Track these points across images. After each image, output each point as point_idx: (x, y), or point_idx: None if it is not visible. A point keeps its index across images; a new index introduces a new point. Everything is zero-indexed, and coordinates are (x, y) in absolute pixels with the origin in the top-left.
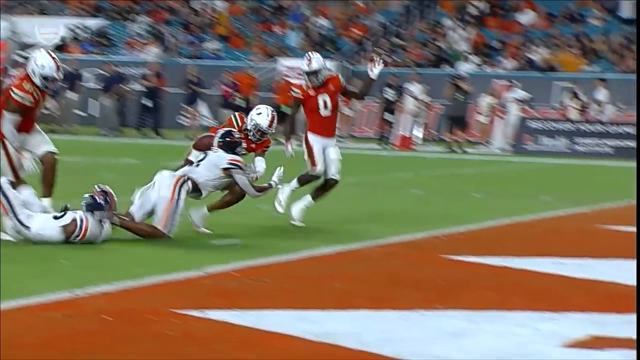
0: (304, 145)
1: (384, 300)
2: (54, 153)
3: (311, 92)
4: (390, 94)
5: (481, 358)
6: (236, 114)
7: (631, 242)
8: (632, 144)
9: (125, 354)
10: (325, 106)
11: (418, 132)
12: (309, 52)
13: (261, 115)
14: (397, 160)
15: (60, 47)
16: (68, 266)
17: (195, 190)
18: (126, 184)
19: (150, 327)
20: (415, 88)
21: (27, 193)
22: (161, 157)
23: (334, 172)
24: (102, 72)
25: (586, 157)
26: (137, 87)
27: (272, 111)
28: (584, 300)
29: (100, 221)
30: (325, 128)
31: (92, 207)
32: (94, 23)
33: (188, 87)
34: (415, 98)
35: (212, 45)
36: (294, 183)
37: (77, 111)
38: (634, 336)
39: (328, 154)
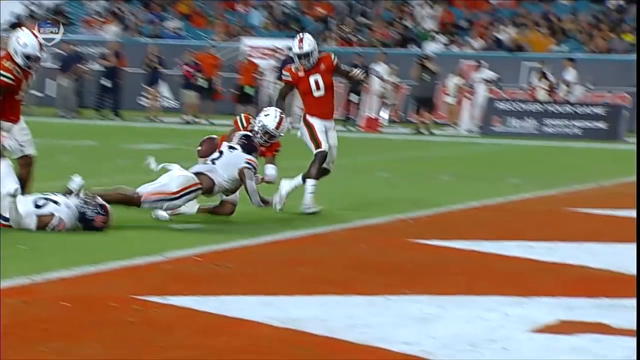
0: (304, 128)
1: (350, 285)
2: (33, 156)
3: (301, 74)
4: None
5: (449, 343)
6: (242, 114)
7: (600, 224)
8: (601, 125)
9: (84, 341)
10: (318, 87)
11: (384, 114)
12: (300, 33)
13: (268, 117)
14: (363, 142)
15: (16, 26)
16: (25, 251)
17: (205, 193)
18: (85, 167)
19: (110, 313)
20: (381, 68)
21: (4, 165)
22: (121, 140)
23: (327, 161)
24: (60, 51)
25: (554, 138)
26: (96, 67)
27: (281, 113)
28: (553, 284)
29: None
30: (322, 109)
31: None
32: (50, 2)
33: (148, 66)
34: (381, 78)
35: (173, 23)
36: (311, 183)
37: (33, 92)
38: (604, 320)
39: (328, 138)
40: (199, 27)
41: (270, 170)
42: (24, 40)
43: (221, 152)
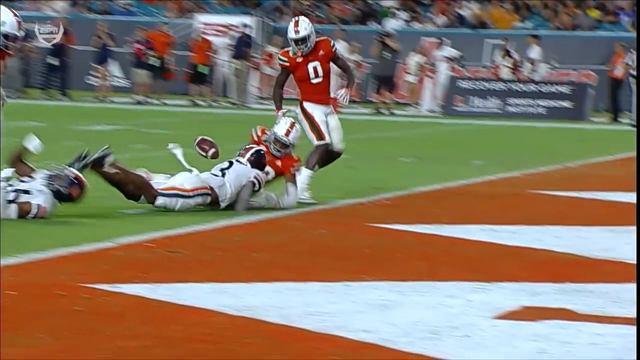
0: (303, 119)
1: (307, 271)
2: None
3: (299, 59)
4: None
5: (410, 331)
6: (257, 127)
7: (565, 207)
8: (566, 104)
9: (31, 331)
10: (316, 74)
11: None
12: (296, 17)
13: (279, 125)
14: None
15: None
16: None
17: (211, 204)
18: None
19: (58, 302)
20: (340, 46)
21: None
22: (69, 121)
23: (337, 143)
24: None
25: (518, 118)
26: (43, 44)
27: (292, 121)
28: (517, 269)
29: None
30: (319, 95)
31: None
32: None
33: (97, 44)
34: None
35: None
36: (306, 173)
37: None
38: (568, 306)
39: (328, 122)
40: (151, 3)
41: (291, 196)
42: (2, 19)
43: (231, 163)
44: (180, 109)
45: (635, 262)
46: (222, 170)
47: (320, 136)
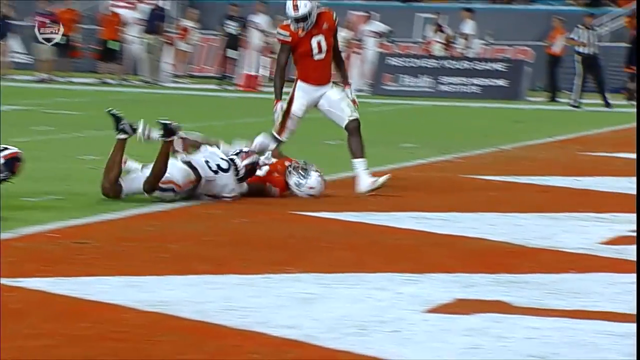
0: (286, 101)
1: (226, 263)
2: None
3: (301, 34)
4: (232, 27)
5: (336, 326)
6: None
7: (500, 193)
8: (501, 82)
9: None
10: (320, 49)
11: (265, 71)
12: None
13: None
14: (241, 102)
15: None
16: None
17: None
18: None
19: None
20: (261, 20)
21: None
22: None
23: (348, 113)
24: None
25: (451, 97)
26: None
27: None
28: (449, 259)
29: None
30: (320, 74)
31: None
32: None
33: None
34: (262, 31)
35: None
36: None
37: None
38: (504, 298)
39: (325, 101)
40: None
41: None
42: None
43: (229, 165)
44: (87, 87)
45: (572, 250)
46: (219, 167)
47: (279, 130)
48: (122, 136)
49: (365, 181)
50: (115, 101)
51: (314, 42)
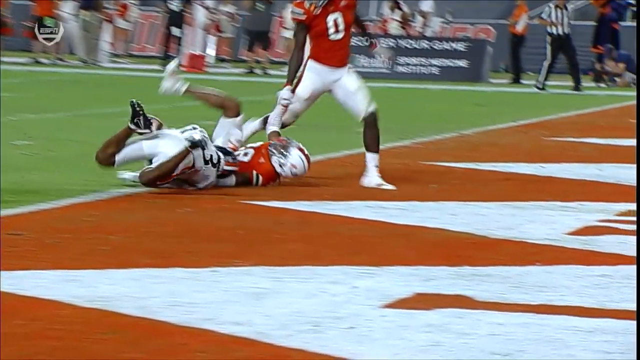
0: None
1: (170, 255)
2: None
3: (316, 11)
4: (175, 3)
5: (288, 322)
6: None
7: (460, 180)
8: (461, 63)
9: None
10: (337, 28)
11: (211, 50)
12: None
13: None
14: None
15: None
16: None
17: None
18: None
19: None
20: None
21: None
22: None
23: (365, 106)
24: None
25: (409, 79)
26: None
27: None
28: (408, 251)
29: None
30: (335, 55)
31: None
32: None
33: None
34: (207, 8)
35: None
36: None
37: None
38: (466, 292)
39: (340, 90)
40: None
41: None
42: None
43: (219, 160)
44: (19, 68)
45: (537, 241)
46: (210, 159)
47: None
48: (133, 128)
49: (373, 178)
50: (49, 82)
51: (330, 20)
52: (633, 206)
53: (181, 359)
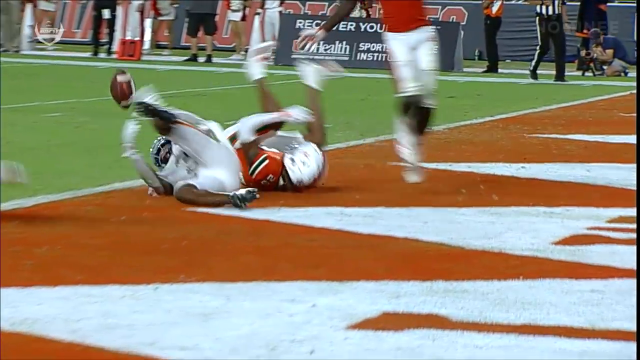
0: (389, 56)
1: (105, 271)
2: None
3: None
4: None
5: (240, 346)
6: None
7: (433, 183)
8: None
9: None
10: None
11: (147, 35)
12: None
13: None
14: None
15: None
16: None
17: None
18: None
19: None
20: None
21: None
22: None
23: (419, 98)
24: None
25: (372, 68)
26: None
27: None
28: (374, 264)
29: None
30: (404, 17)
31: None
32: None
33: None
34: None
35: None
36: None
37: None
38: (440, 311)
39: (417, 58)
40: None
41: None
42: None
43: None
44: None
45: (519, 252)
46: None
47: (401, 84)
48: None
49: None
50: None
51: None
52: (625, 211)
53: None
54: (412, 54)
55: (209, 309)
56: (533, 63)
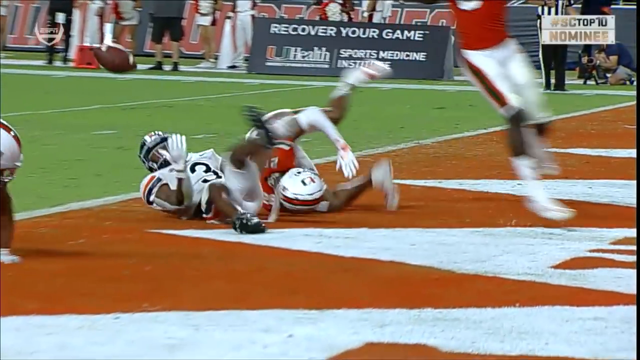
0: (472, 76)
1: (60, 299)
2: None
3: None
4: None
5: None
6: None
7: (420, 201)
8: (420, 56)
9: None
10: None
11: (108, 41)
12: None
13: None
14: (74, 83)
15: None
16: None
17: None
18: None
19: None
20: None
21: None
22: None
23: (534, 111)
24: None
25: None
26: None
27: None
28: (357, 290)
29: None
30: (483, 32)
31: None
32: None
33: None
34: None
35: None
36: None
37: None
38: (428, 341)
39: (512, 73)
40: None
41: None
42: None
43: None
44: None
45: (515, 277)
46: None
47: (500, 100)
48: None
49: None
50: None
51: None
52: (630, 232)
53: None
54: (503, 69)
55: (175, 340)
56: (542, 72)
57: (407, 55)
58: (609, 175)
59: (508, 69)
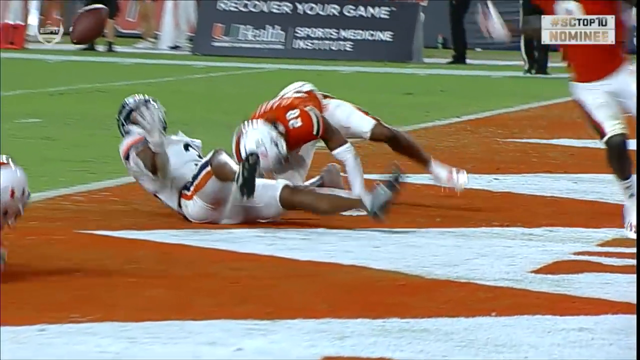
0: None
1: None
2: None
3: None
4: None
5: None
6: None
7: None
8: (385, 36)
9: None
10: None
11: (34, 18)
12: None
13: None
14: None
15: None
16: None
17: None
18: None
19: None
20: None
21: None
22: None
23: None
24: None
25: (311, 58)
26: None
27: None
28: (314, 297)
29: None
30: (590, 60)
31: None
32: None
33: None
34: None
35: None
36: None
37: None
38: (393, 355)
39: (624, 96)
40: None
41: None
42: None
43: None
44: None
45: (491, 282)
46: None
47: (599, 130)
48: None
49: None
50: None
51: (560, 6)
52: (620, 232)
53: None
54: (610, 97)
55: (108, 355)
56: (524, 55)
57: (372, 35)
58: (596, 169)
59: (620, 97)
